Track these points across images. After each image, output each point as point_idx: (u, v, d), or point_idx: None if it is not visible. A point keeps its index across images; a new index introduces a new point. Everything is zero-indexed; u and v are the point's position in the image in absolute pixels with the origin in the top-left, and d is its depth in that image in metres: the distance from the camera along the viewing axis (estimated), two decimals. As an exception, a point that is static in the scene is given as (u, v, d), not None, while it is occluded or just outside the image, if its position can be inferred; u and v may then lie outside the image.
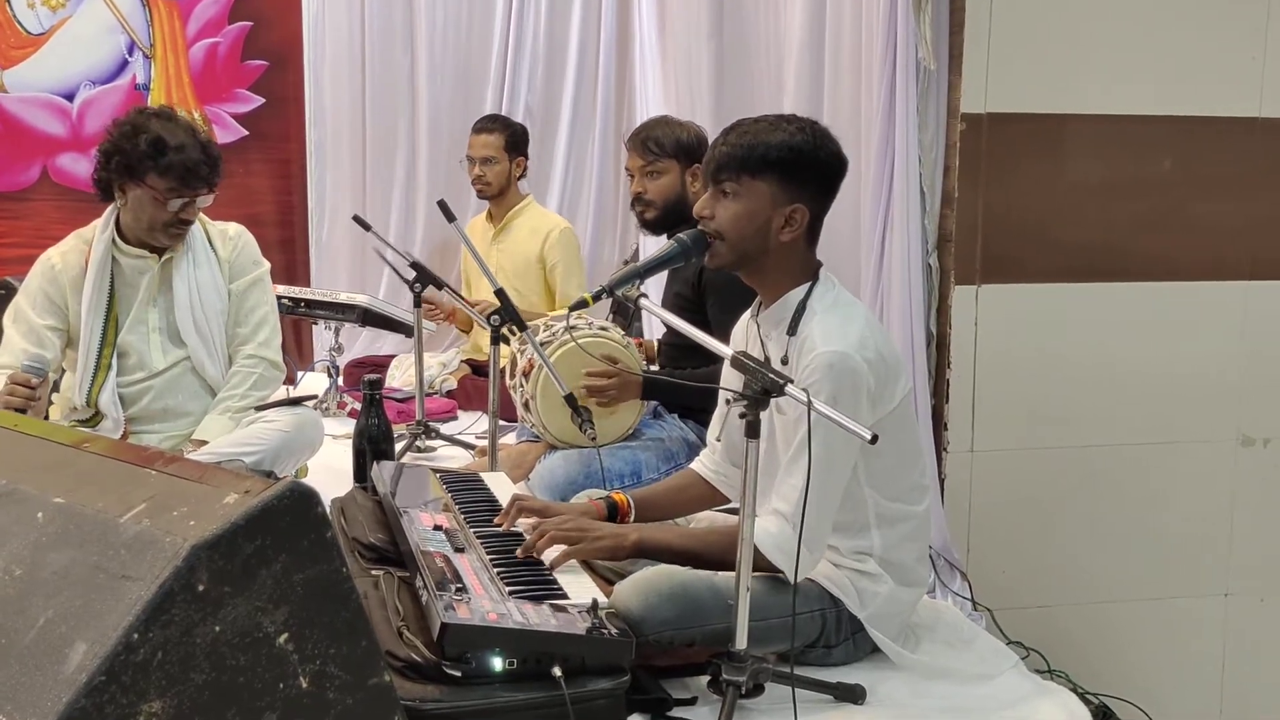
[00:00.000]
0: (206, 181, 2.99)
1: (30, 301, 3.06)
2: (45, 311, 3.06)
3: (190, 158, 2.94)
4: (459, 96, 5.10)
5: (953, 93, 2.90)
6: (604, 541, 2.15)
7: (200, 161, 2.96)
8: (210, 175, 2.99)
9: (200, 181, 2.97)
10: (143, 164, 2.94)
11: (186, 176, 2.95)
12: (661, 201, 3.27)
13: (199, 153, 2.96)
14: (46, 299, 3.06)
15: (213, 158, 3.01)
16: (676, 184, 3.26)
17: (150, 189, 2.95)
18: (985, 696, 2.16)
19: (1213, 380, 3.10)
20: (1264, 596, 3.19)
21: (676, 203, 3.24)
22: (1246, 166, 3.06)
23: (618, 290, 2.12)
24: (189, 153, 2.94)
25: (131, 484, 1.50)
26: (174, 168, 2.93)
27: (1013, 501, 3.04)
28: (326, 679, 1.44)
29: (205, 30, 4.95)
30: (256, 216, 3.51)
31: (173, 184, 2.95)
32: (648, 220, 3.32)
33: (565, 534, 2.15)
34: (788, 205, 2.16)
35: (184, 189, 2.96)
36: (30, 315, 3.05)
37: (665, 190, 3.26)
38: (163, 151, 2.92)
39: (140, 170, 2.94)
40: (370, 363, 4.62)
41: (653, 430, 3.25)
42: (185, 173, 2.94)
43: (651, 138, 3.29)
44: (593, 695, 1.82)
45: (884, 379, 2.13)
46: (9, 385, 2.87)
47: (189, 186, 2.96)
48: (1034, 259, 2.99)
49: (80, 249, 3.10)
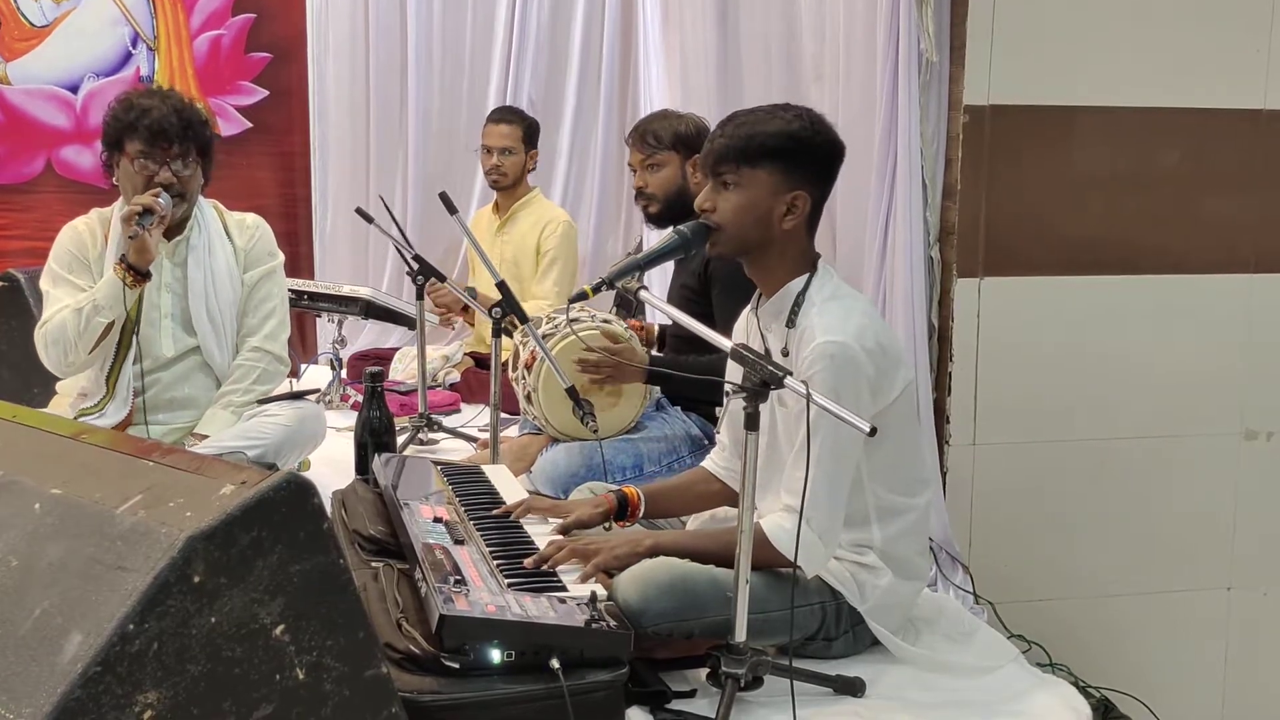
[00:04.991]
0: (176, 140, 2.98)
1: (64, 266, 3.08)
2: (80, 271, 3.07)
3: (156, 117, 2.96)
4: (462, 89, 5.09)
5: (955, 85, 2.89)
6: (620, 549, 2.13)
7: (168, 121, 2.96)
8: (181, 135, 2.99)
9: (168, 140, 2.97)
10: (117, 130, 2.99)
11: (152, 136, 2.96)
12: (663, 194, 3.28)
13: (169, 114, 2.98)
14: (76, 260, 3.08)
15: (186, 119, 3.01)
16: (677, 176, 3.27)
17: (127, 155, 2.99)
18: (986, 690, 2.16)
19: (1216, 374, 3.09)
20: (1266, 590, 3.19)
21: (678, 195, 3.24)
22: (1251, 159, 3.05)
23: (617, 282, 2.11)
24: (155, 113, 2.97)
25: (128, 475, 1.50)
26: (139, 129, 2.96)
27: (1015, 495, 3.03)
28: (323, 670, 1.45)
29: (209, 23, 4.94)
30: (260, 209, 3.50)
31: (142, 146, 2.97)
32: (651, 214, 3.33)
33: (584, 550, 2.12)
34: (789, 193, 2.16)
35: (152, 149, 2.97)
36: (66, 275, 3.07)
37: (666, 183, 3.27)
38: (129, 112, 2.97)
39: (117, 138, 2.99)
40: (375, 355, 4.61)
41: (655, 423, 3.24)
42: (151, 133, 2.96)
43: (650, 131, 3.30)
44: (591, 687, 1.82)
45: (884, 369, 2.12)
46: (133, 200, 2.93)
47: (156, 146, 2.97)
48: (1037, 252, 2.98)
49: (99, 228, 3.12)
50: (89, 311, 2.93)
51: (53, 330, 2.97)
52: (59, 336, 2.96)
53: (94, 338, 2.96)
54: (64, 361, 3.01)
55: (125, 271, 2.92)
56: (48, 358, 3.02)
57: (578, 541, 2.15)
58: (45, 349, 3.00)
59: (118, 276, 2.92)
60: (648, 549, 2.13)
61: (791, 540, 2.01)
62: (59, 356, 2.99)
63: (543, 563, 2.10)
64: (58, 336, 2.96)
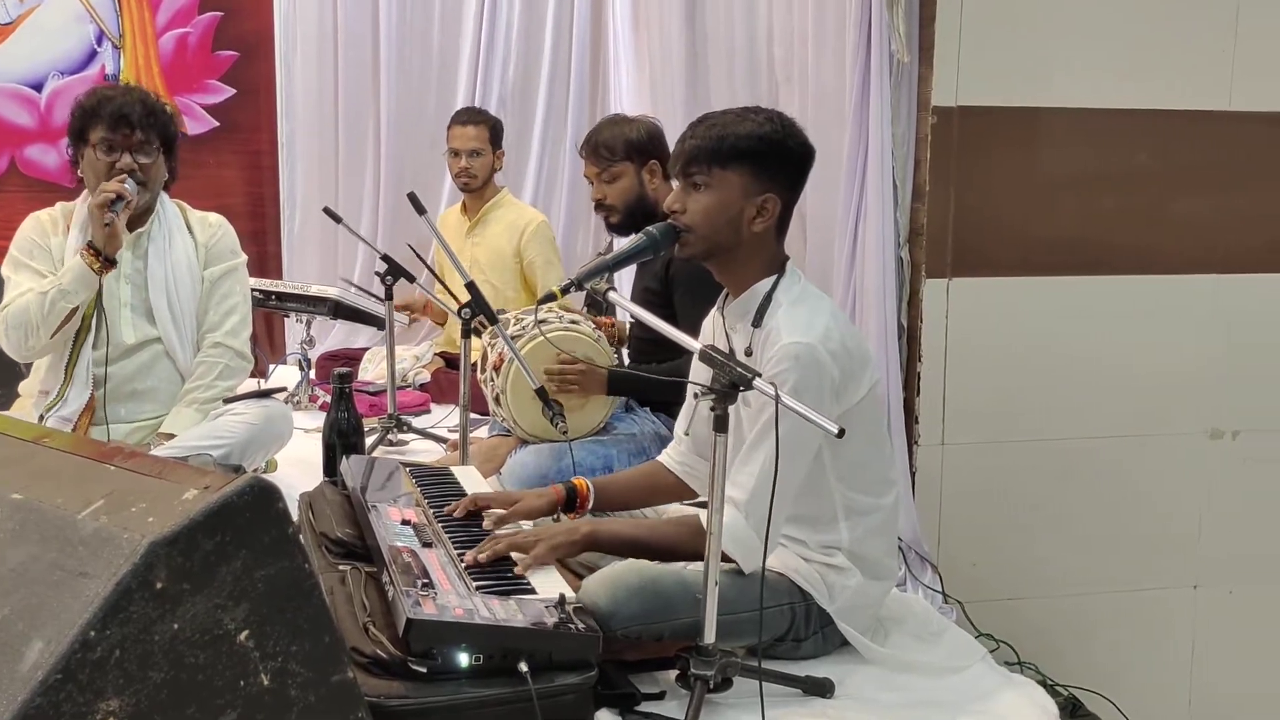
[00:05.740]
0: (138, 128, 2.99)
1: (25, 253, 3.08)
2: (41, 258, 3.08)
3: (120, 103, 2.99)
4: (431, 87, 5.07)
5: (923, 85, 2.90)
6: (558, 539, 2.13)
7: (131, 109, 2.99)
8: (144, 122, 3.00)
9: (130, 127, 2.98)
10: (82, 120, 3.01)
11: (115, 123, 2.98)
12: (622, 204, 3.21)
13: (134, 103, 3.00)
14: (37, 246, 3.09)
15: (150, 108, 3.03)
16: (634, 184, 3.22)
17: (92, 145, 3.00)
18: (953, 689, 2.16)
19: (1182, 374, 3.12)
20: (1232, 588, 3.21)
21: (637, 202, 3.21)
22: (1217, 159, 3.07)
23: (585, 284, 2.11)
24: (119, 100, 3.00)
25: (90, 480, 1.48)
26: (102, 116, 2.98)
27: (983, 494, 3.05)
28: (288, 676, 1.43)
29: (175, 20, 4.90)
30: (227, 208, 3.49)
31: (105, 132, 2.99)
32: (613, 224, 3.27)
33: (522, 543, 2.12)
34: (759, 195, 2.16)
35: (114, 135, 2.99)
36: (28, 261, 3.07)
37: (624, 193, 3.20)
38: (95, 101, 3.00)
39: (83, 129, 3.01)
40: (344, 355, 4.59)
41: (624, 424, 3.24)
42: (113, 119, 2.98)
43: (601, 143, 3.23)
44: (560, 690, 1.81)
45: (849, 371, 2.13)
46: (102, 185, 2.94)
47: (118, 132, 2.99)
48: (1005, 253, 2.99)
49: (61, 218, 3.13)
50: (54, 295, 2.95)
51: (14, 314, 2.98)
52: (21, 320, 2.97)
53: (57, 321, 2.98)
54: (24, 345, 3.03)
55: (94, 258, 2.94)
56: (7, 341, 3.04)
57: (515, 535, 2.15)
58: (5, 332, 3.02)
59: (85, 263, 2.94)
60: (585, 535, 2.14)
61: (727, 532, 2.00)
62: (19, 340, 3.01)
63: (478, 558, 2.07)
64: (20, 320, 2.98)
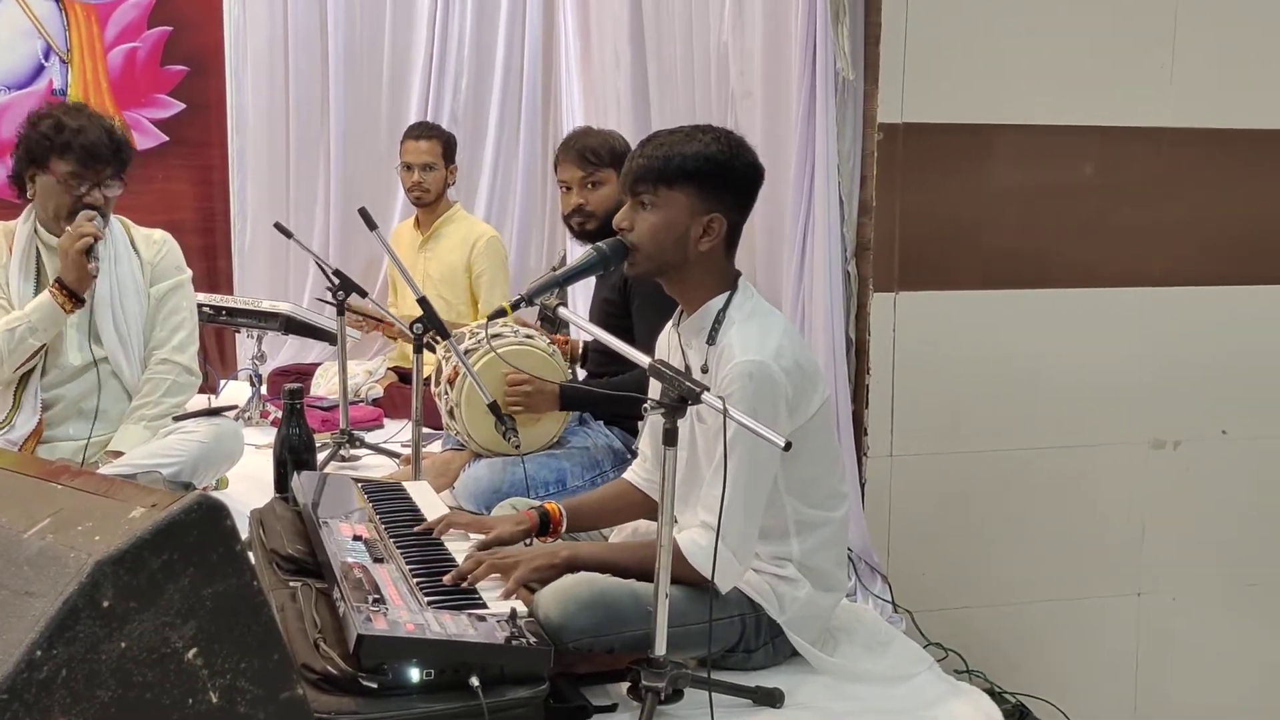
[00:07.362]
0: (109, 163, 2.98)
1: None
2: None
3: (89, 139, 2.95)
4: (383, 103, 5.08)
5: (869, 103, 2.94)
6: (537, 561, 2.14)
7: (101, 143, 2.96)
8: (114, 158, 2.99)
9: (101, 163, 2.97)
10: (44, 148, 2.96)
11: (86, 158, 2.95)
12: (604, 212, 3.14)
13: (101, 135, 2.97)
14: None
15: (117, 141, 3.01)
16: (616, 192, 3.22)
17: (53, 174, 2.97)
18: (901, 698, 2.20)
19: (1125, 385, 3.17)
20: (1175, 595, 3.27)
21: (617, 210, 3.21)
22: (1154, 175, 3.13)
23: (536, 298, 2.13)
24: (89, 134, 2.96)
25: (36, 499, 1.48)
26: (73, 149, 2.94)
27: (932, 504, 3.08)
28: (237, 693, 1.43)
29: (124, 35, 4.87)
30: (177, 223, 3.48)
31: (74, 166, 2.96)
32: (589, 230, 3.21)
33: (501, 564, 2.13)
34: (705, 215, 2.18)
35: (85, 170, 2.97)
36: None
37: (607, 200, 3.15)
38: (61, 132, 2.95)
39: (43, 156, 2.97)
40: (296, 371, 4.58)
41: (578, 438, 3.25)
42: (85, 154, 2.95)
43: (588, 148, 3.21)
44: (511, 704, 1.81)
45: (801, 388, 2.15)
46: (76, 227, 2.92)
47: (89, 168, 2.96)
48: (950, 267, 3.04)
49: (3, 240, 3.09)
50: (23, 333, 2.95)
51: None
52: None
53: (23, 357, 2.98)
54: None
55: (65, 298, 2.93)
56: None
57: (495, 556, 2.16)
58: None
59: (58, 302, 2.93)
60: (564, 559, 2.15)
61: (707, 557, 2.03)
62: None
63: (462, 579, 2.09)
64: None
